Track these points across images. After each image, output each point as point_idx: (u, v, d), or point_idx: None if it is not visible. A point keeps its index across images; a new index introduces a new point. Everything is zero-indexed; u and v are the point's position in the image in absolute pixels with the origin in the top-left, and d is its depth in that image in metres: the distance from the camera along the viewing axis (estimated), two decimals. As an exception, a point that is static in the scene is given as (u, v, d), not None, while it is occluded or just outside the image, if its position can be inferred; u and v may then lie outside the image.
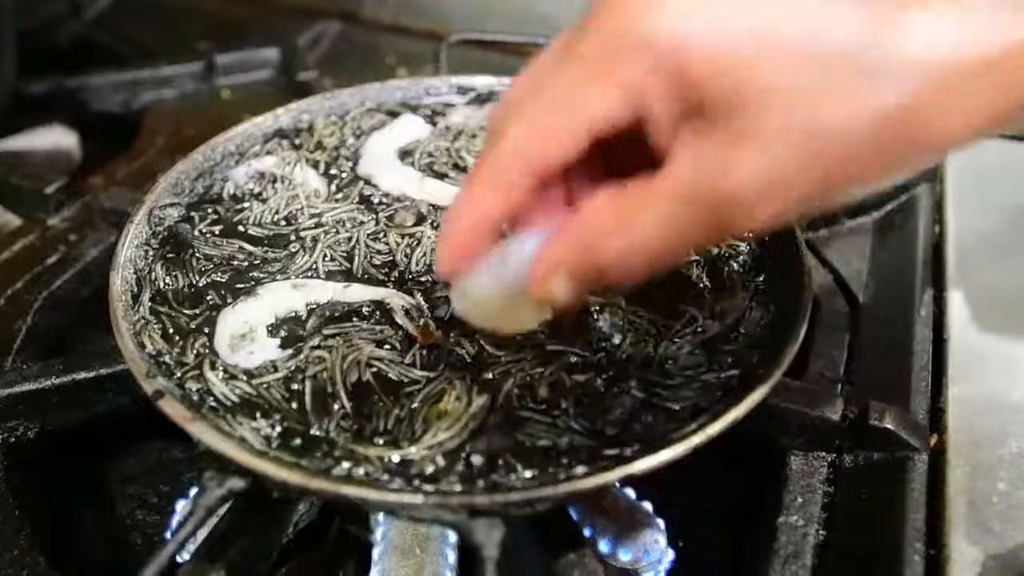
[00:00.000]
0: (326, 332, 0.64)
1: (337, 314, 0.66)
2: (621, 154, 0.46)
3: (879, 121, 0.39)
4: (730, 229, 0.42)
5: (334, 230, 0.75)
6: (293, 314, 0.66)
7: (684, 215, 0.42)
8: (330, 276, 0.70)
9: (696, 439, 0.54)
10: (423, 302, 0.67)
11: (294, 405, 0.59)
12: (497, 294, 0.51)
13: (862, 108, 0.39)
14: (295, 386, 0.60)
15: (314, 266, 0.71)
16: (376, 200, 0.80)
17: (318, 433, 0.57)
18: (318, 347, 0.63)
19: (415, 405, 0.59)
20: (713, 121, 0.40)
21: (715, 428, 0.55)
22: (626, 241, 0.43)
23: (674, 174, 0.42)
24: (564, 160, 0.44)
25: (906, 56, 0.39)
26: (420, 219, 0.76)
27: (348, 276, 0.70)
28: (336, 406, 0.59)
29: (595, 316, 0.65)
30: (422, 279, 0.70)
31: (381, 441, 0.57)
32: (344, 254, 0.72)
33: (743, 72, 0.39)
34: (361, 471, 0.54)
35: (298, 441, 0.56)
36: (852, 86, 0.39)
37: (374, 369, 0.61)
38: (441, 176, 0.82)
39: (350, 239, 0.74)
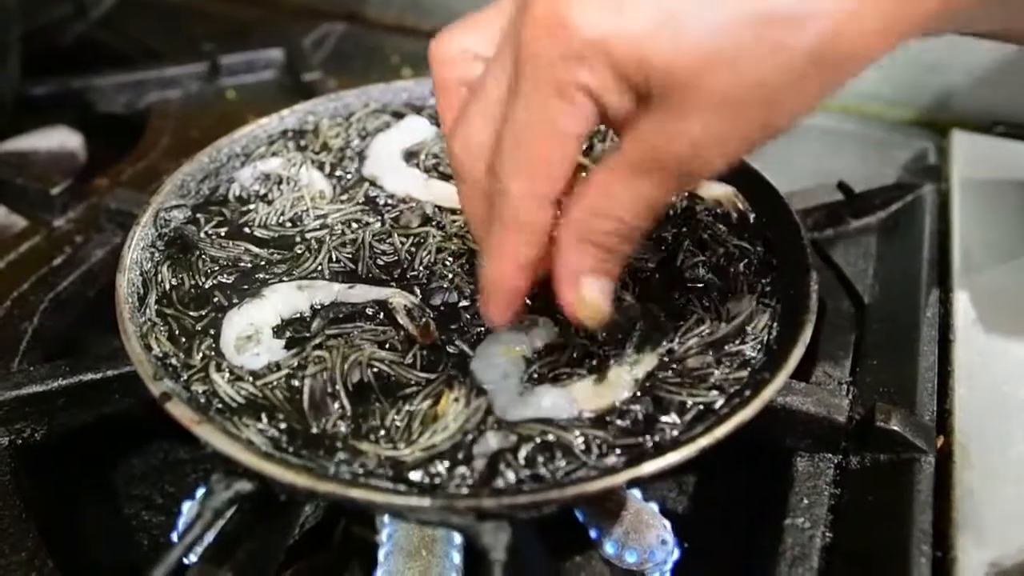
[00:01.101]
0: (329, 332, 0.64)
1: (341, 315, 0.66)
2: None
3: (803, 63, 0.42)
4: (691, 179, 0.48)
5: (339, 231, 0.75)
6: (298, 315, 0.66)
7: (646, 182, 0.47)
8: (335, 277, 0.70)
9: (703, 441, 0.54)
10: (424, 300, 0.67)
11: (295, 405, 0.59)
12: None
13: (784, 58, 0.42)
14: (295, 384, 0.61)
15: (319, 268, 0.71)
16: (381, 201, 0.80)
17: (316, 432, 0.57)
18: (319, 347, 0.63)
19: (412, 407, 0.59)
20: (654, 100, 0.44)
21: (722, 431, 0.55)
22: (614, 218, 0.49)
23: (627, 151, 0.47)
24: (569, 175, 0.48)
25: None
26: (425, 220, 0.76)
27: (353, 277, 0.70)
28: (335, 406, 0.59)
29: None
30: (423, 278, 0.70)
31: (378, 441, 0.57)
32: (349, 256, 0.73)
33: (667, 55, 0.42)
34: (363, 472, 0.55)
35: (300, 441, 0.57)
36: (770, 40, 0.41)
37: (375, 369, 0.62)
38: (446, 177, 0.82)
39: (355, 240, 0.74)
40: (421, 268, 0.71)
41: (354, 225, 0.76)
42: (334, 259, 0.72)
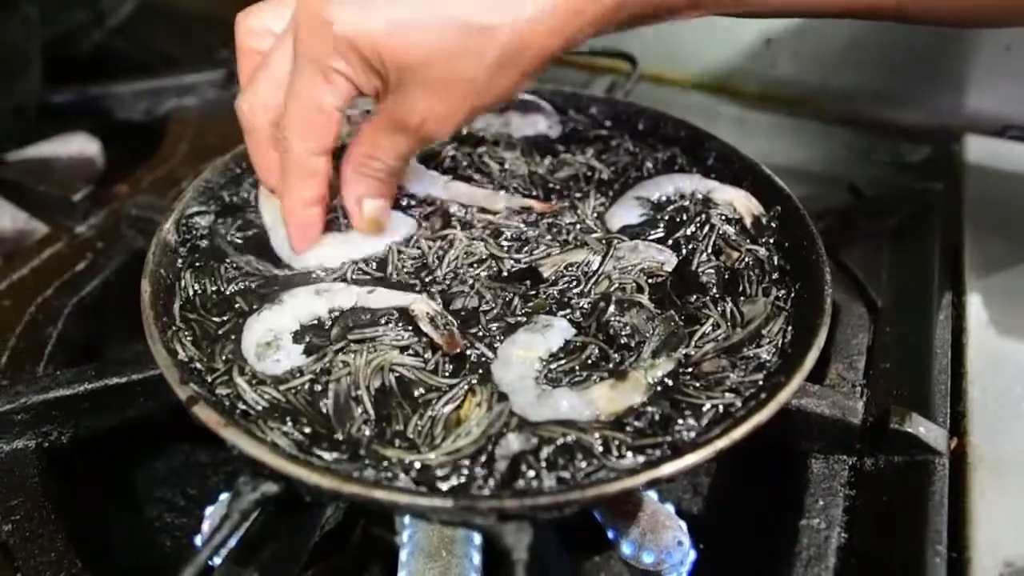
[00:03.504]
0: (350, 338, 0.65)
1: (362, 321, 0.66)
2: None
3: (496, 63, 0.59)
4: (429, 138, 0.65)
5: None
6: (316, 321, 0.67)
7: (398, 137, 0.65)
8: (358, 281, 0.71)
9: (720, 443, 0.55)
10: (445, 304, 0.68)
11: (318, 410, 0.60)
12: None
13: (483, 60, 0.58)
14: (318, 389, 0.61)
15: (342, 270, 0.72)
16: (403, 203, 0.80)
17: (341, 437, 0.58)
18: (342, 351, 0.64)
19: (435, 412, 0.60)
20: (391, 83, 0.61)
21: (738, 432, 0.55)
22: (380, 159, 0.67)
23: (382, 117, 0.64)
24: (337, 135, 0.65)
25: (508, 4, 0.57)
26: (447, 221, 0.77)
27: (379, 280, 0.71)
28: (359, 411, 0.60)
29: (620, 316, 0.66)
30: (445, 282, 0.71)
31: (402, 445, 0.58)
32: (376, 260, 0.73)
33: (397, 53, 0.58)
34: (387, 475, 0.55)
35: (324, 445, 0.57)
36: (472, 46, 0.58)
37: (397, 374, 0.62)
38: (464, 179, 0.83)
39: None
40: (444, 271, 0.72)
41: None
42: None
